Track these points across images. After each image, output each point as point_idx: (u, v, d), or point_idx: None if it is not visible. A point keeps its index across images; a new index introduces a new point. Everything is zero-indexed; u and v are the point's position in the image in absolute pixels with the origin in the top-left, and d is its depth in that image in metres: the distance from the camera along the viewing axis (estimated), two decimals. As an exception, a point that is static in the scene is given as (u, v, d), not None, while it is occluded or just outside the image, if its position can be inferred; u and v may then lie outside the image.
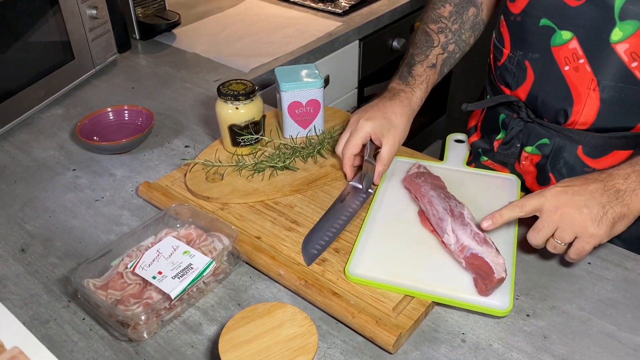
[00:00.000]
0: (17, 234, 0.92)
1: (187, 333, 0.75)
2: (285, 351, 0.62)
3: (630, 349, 0.72)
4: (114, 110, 1.17)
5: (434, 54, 1.01)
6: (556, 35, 0.86)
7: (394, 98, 0.98)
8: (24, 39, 1.16)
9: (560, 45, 0.86)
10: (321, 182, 0.98)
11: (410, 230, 0.86)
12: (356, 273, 0.79)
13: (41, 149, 1.13)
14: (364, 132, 0.93)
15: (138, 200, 0.99)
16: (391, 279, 0.78)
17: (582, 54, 0.84)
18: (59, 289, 0.82)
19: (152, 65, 1.45)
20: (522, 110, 0.96)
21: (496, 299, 0.75)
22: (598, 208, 0.74)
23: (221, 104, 1.00)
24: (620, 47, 0.81)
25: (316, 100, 1.04)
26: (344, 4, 1.76)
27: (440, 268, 0.80)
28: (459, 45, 1.03)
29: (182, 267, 0.76)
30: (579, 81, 0.86)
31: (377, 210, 0.90)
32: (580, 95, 0.87)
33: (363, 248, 0.83)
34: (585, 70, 0.85)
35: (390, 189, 0.95)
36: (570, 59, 0.86)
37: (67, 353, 0.73)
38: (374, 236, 0.85)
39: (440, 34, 1.02)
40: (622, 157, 0.89)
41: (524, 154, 0.98)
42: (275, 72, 1.07)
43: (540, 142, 0.95)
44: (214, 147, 1.06)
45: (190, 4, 1.82)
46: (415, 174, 0.93)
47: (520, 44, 0.92)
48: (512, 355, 0.71)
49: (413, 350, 0.73)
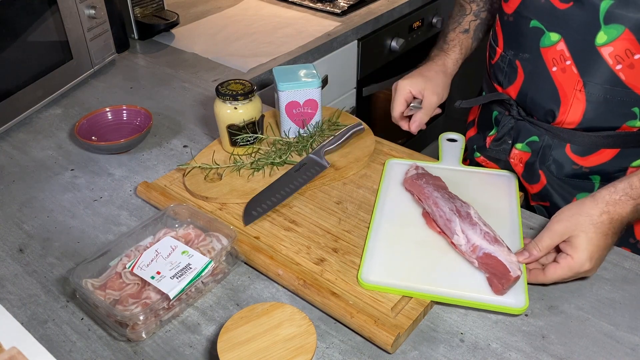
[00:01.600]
0: (15, 234, 0.92)
1: (185, 333, 0.75)
2: (283, 351, 0.62)
3: (628, 348, 0.72)
4: (112, 110, 1.17)
5: (467, 21, 1.11)
6: (545, 36, 0.89)
7: (429, 61, 1.09)
8: (22, 38, 1.16)
9: (549, 46, 0.89)
10: (319, 182, 0.98)
11: (417, 233, 0.86)
12: (370, 280, 0.78)
13: (39, 149, 1.13)
14: (403, 90, 1.04)
15: (136, 200, 0.99)
16: (407, 284, 0.77)
17: (569, 55, 0.87)
18: (57, 289, 0.82)
19: (150, 65, 1.45)
20: (513, 108, 0.98)
21: (512, 298, 0.75)
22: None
23: (220, 104, 1.00)
24: (605, 50, 0.83)
25: (314, 100, 1.04)
26: (343, 4, 1.76)
27: (453, 270, 0.79)
28: (491, 13, 1.10)
29: (181, 267, 0.76)
30: (565, 82, 0.89)
31: (380, 214, 0.89)
32: (567, 95, 0.89)
33: (372, 254, 0.82)
34: (572, 71, 0.87)
35: (391, 191, 0.95)
36: (557, 60, 0.88)
37: (66, 353, 0.73)
38: (381, 241, 0.84)
39: (472, 3, 1.11)
40: (610, 155, 0.91)
41: (514, 151, 1.00)
42: (273, 72, 1.06)
43: (530, 139, 0.97)
44: (211, 147, 1.06)
45: (188, 3, 1.82)
46: (415, 175, 0.93)
47: (512, 43, 0.95)
48: (511, 355, 0.71)
49: (412, 350, 0.73)
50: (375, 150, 1.06)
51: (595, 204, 0.76)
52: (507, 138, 1.01)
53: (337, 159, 1.02)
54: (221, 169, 0.99)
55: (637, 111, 0.87)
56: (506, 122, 1.00)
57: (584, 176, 0.95)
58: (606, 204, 0.76)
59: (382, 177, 0.97)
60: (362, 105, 1.85)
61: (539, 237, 0.78)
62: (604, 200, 0.76)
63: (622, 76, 0.84)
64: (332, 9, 1.73)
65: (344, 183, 0.98)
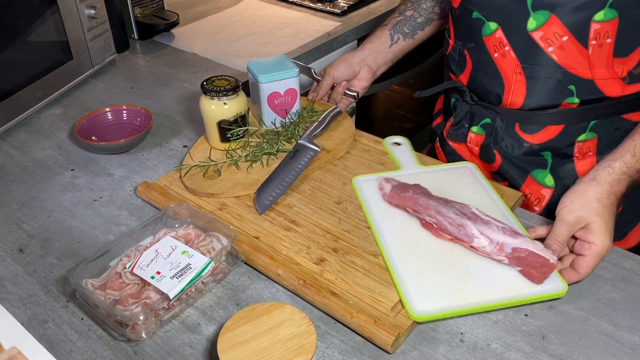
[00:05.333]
0: (16, 234, 0.92)
1: (185, 333, 0.75)
2: (283, 351, 0.62)
3: (628, 348, 0.72)
4: (112, 110, 1.17)
5: (391, 18, 1.21)
6: (485, 26, 0.96)
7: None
8: (22, 38, 1.16)
9: (489, 35, 0.96)
10: (316, 165, 1.01)
11: (431, 247, 0.83)
12: (420, 311, 0.73)
13: (39, 149, 1.13)
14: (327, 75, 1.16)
15: (136, 200, 0.99)
16: (458, 304, 0.74)
17: (507, 42, 0.94)
18: (57, 289, 0.82)
19: (150, 65, 1.45)
20: (467, 94, 1.05)
21: (551, 284, 0.76)
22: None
23: (207, 101, 1.00)
24: (536, 34, 0.91)
25: (293, 89, 1.07)
26: (343, 4, 1.76)
27: (487, 274, 0.78)
28: (418, 11, 1.19)
29: (181, 267, 0.76)
30: (506, 66, 0.96)
31: (383, 240, 0.84)
32: (509, 78, 0.96)
33: (406, 286, 0.76)
34: (511, 56, 0.95)
35: (377, 213, 0.90)
36: (498, 47, 0.96)
37: (66, 353, 0.73)
38: (404, 269, 0.79)
39: (401, 5, 1.22)
40: (556, 131, 0.98)
41: (470, 134, 1.07)
42: (248, 66, 1.08)
43: (483, 122, 1.05)
44: (198, 146, 1.06)
45: (188, 3, 1.82)
46: (398, 188, 0.90)
47: (460, 34, 1.03)
48: (511, 355, 0.71)
49: (411, 350, 0.73)
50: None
51: (600, 188, 0.80)
52: (464, 122, 1.08)
53: (325, 142, 1.06)
54: (219, 164, 1.00)
55: (574, 89, 0.93)
56: (462, 107, 1.07)
57: (535, 153, 1.01)
58: (610, 185, 0.80)
59: (359, 198, 0.93)
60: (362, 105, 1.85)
61: (553, 231, 0.80)
62: (607, 182, 0.80)
63: (555, 57, 0.91)
64: (332, 9, 1.73)
65: (344, 183, 0.98)
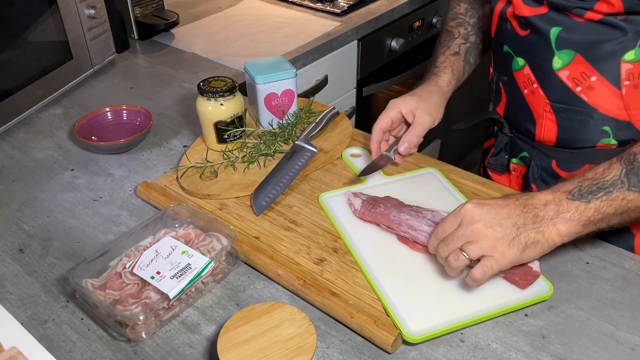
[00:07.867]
0: (15, 234, 0.92)
1: (185, 333, 0.75)
2: (283, 351, 0.62)
3: (628, 348, 0.72)
4: (112, 110, 1.17)
5: (456, 44, 1.07)
6: (514, 61, 0.94)
7: (421, 83, 1.04)
8: (22, 38, 1.16)
9: (518, 70, 0.94)
10: (314, 166, 1.00)
11: (412, 262, 0.81)
12: (415, 332, 0.72)
13: (39, 148, 1.13)
14: (393, 108, 0.98)
15: (136, 200, 0.99)
16: (450, 319, 0.73)
17: (535, 79, 0.91)
18: (57, 289, 0.82)
19: (150, 65, 1.45)
20: (505, 125, 1.03)
21: (536, 286, 0.77)
22: (511, 229, 0.69)
23: (204, 102, 1.00)
24: (563, 73, 0.87)
25: (291, 90, 1.06)
26: (343, 4, 1.76)
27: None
28: (479, 36, 1.08)
29: (181, 267, 0.76)
30: (536, 103, 0.93)
31: (363, 260, 0.82)
32: (539, 115, 0.94)
33: (395, 306, 0.75)
34: (540, 93, 0.92)
35: (350, 230, 0.87)
36: (527, 83, 0.93)
37: (65, 353, 0.73)
38: (389, 289, 0.77)
39: (459, 27, 1.08)
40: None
41: (512, 165, 1.05)
42: (245, 67, 1.07)
43: (522, 154, 1.03)
44: (194, 147, 1.06)
45: (188, 3, 1.82)
46: (368, 204, 0.88)
47: (496, 66, 1.01)
48: (511, 355, 0.71)
49: (411, 350, 0.73)
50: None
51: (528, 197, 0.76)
52: (504, 153, 1.05)
53: (322, 143, 1.05)
54: (216, 165, 1.00)
55: (609, 130, 0.88)
56: (501, 138, 1.05)
57: None
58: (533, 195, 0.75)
59: (329, 217, 0.90)
60: (362, 105, 1.85)
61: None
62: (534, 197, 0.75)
63: (585, 97, 0.87)
64: (332, 9, 1.73)
65: (344, 183, 0.98)
